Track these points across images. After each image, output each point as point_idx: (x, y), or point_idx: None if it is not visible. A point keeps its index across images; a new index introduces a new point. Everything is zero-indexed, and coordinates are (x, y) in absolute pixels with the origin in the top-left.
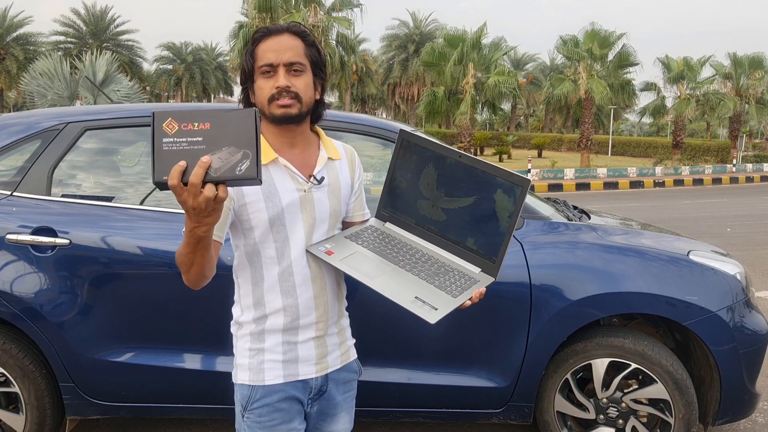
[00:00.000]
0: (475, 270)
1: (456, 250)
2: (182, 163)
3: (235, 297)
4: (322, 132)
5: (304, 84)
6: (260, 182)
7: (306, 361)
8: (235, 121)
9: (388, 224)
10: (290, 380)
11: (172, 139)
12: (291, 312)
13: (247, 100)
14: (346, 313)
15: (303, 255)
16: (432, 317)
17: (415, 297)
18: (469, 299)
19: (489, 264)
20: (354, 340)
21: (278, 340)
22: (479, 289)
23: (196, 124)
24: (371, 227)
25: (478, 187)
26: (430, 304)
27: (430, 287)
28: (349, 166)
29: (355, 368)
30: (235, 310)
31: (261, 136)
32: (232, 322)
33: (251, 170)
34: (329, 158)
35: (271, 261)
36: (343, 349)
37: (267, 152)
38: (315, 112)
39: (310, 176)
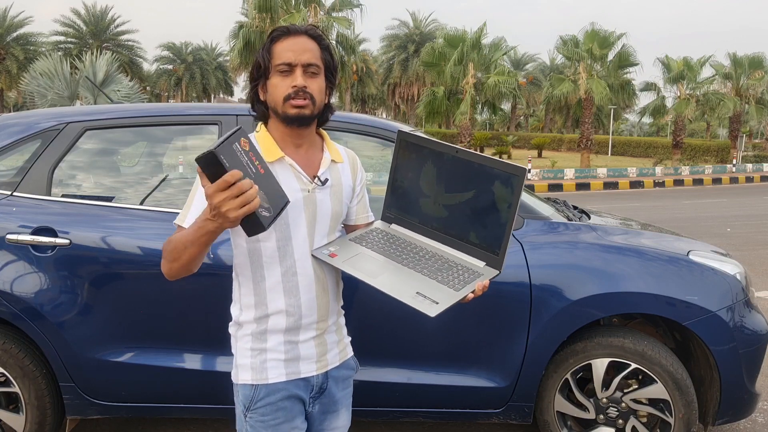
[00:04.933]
0: (480, 264)
1: (460, 246)
2: (240, 174)
3: (234, 296)
4: (326, 135)
5: (318, 86)
6: (264, 231)
7: (307, 359)
8: (276, 187)
9: (393, 225)
10: (292, 378)
11: (240, 150)
12: (294, 312)
13: (255, 98)
14: (342, 311)
15: (307, 255)
16: (432, 311)
17: (417, 292)
18: (472, 292)
19: (493, 257)
20: (350, 338)
21: (280, 339)
22: (482, 282)
23: (257, 163)
24: (376, 229)
25: (476, 181)
26: (431, 298)
27: (432, 282)
28: (351, 170)
29: (353, 365)
30: (234, 310)
31: (269, 135)
32: (230, 323)
33: (266, 221)
34: (332, 161)
35: (272, 260)
36: (341, 347)
37: (273, 150)
38: (322, 115)
39: (314, 177)
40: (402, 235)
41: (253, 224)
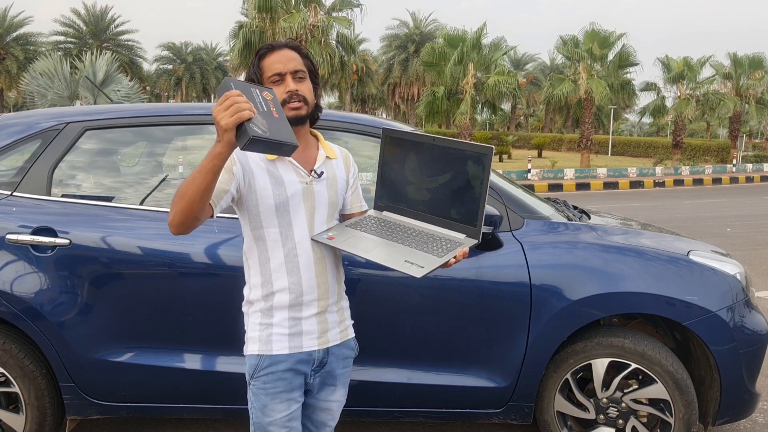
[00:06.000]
0: (460, 236)
1: (443, 223)
2: (238, 92)
3: (246, 277)
4: (320, 135)
5: (307, 88)
6: (248, 140)
7: (309, 334)
8: (286, 129)
9: (385, 213)
10: (295, 351)
11: (257, 93)
12: (295, 290)
13: None
14: (346, 297)
15: (306, 239)
16: (418, 273)
17: (405, 260)
18: (454, 258)
19: (471, 229)
20: (352, 321)
21: (285, 315)
22: (462, 249)
23: (273, 108)
24: (370, 216)
25: (452, 164)
26: (417, 263)
27: (419, 252)
28: (344, 165)
29: (353, 346)
30: (245, 290)
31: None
32: (243, 302)
33: (253, 132)
34: (327, 157)
35: (275, 243)
36: (342, 327)
37: None
38: (313, 115)
39: (311, 171)
40: (393, 219)
41: (241, 133)
